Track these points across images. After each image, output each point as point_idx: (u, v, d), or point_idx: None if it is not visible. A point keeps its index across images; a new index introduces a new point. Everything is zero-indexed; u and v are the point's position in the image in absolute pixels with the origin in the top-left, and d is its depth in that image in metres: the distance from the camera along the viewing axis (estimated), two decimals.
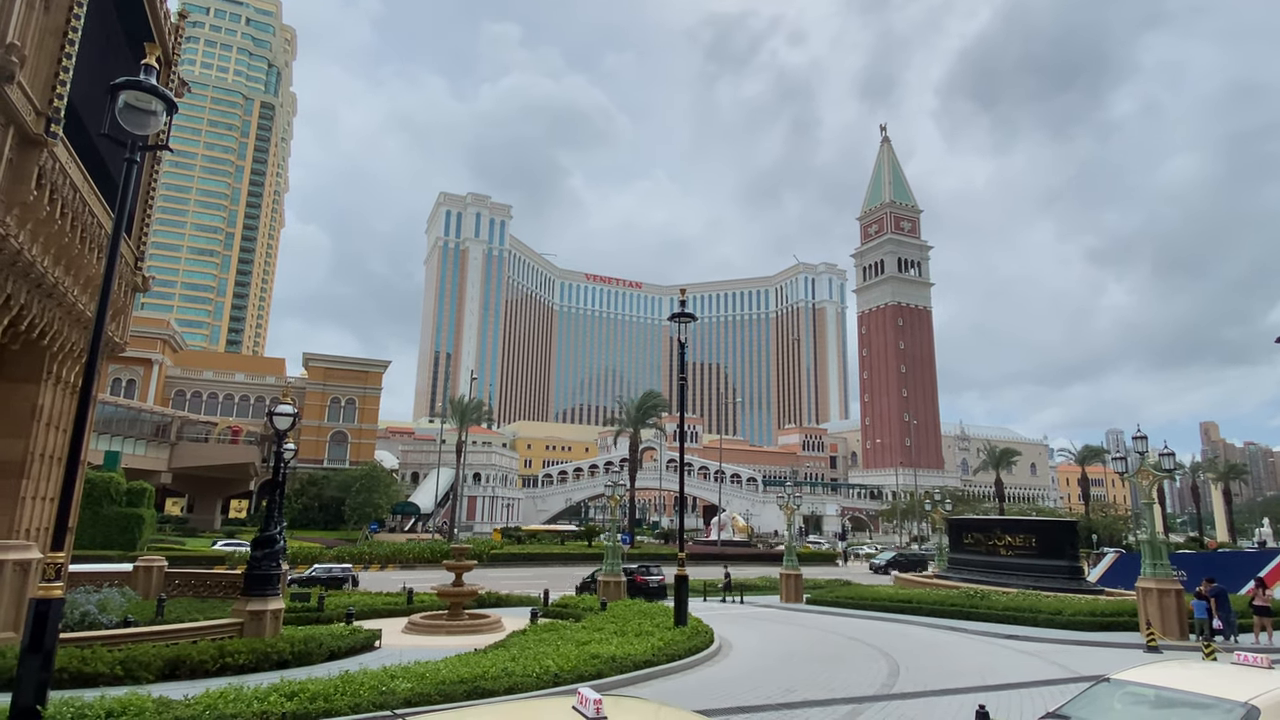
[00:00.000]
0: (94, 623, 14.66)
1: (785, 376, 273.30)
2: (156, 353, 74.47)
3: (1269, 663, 6.68)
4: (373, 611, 22.03)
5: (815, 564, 58.85)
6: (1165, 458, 27.66)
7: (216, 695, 9.30)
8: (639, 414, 69.05)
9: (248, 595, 15.23)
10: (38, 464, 12.75)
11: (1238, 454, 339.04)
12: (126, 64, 12.51)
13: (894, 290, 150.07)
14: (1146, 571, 21.25)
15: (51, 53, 10.20)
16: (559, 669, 12.39)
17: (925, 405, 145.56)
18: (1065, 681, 14.66)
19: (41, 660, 7.25)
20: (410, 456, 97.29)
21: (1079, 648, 19.60)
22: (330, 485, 69.43)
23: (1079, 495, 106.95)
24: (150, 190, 15.63)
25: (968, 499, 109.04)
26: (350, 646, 15.60)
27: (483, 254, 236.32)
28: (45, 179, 10.07)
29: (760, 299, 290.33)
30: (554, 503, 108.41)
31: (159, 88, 8.03)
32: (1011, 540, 33.40)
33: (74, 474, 8.00)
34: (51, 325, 12.28)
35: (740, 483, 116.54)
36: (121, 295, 14.85)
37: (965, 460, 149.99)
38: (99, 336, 7.93)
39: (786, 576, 32.01)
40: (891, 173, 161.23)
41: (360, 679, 10.57)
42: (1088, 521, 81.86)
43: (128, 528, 37.80)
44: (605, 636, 15.60)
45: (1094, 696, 6.53)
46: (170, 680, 12.12)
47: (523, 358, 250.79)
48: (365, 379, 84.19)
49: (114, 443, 58.25)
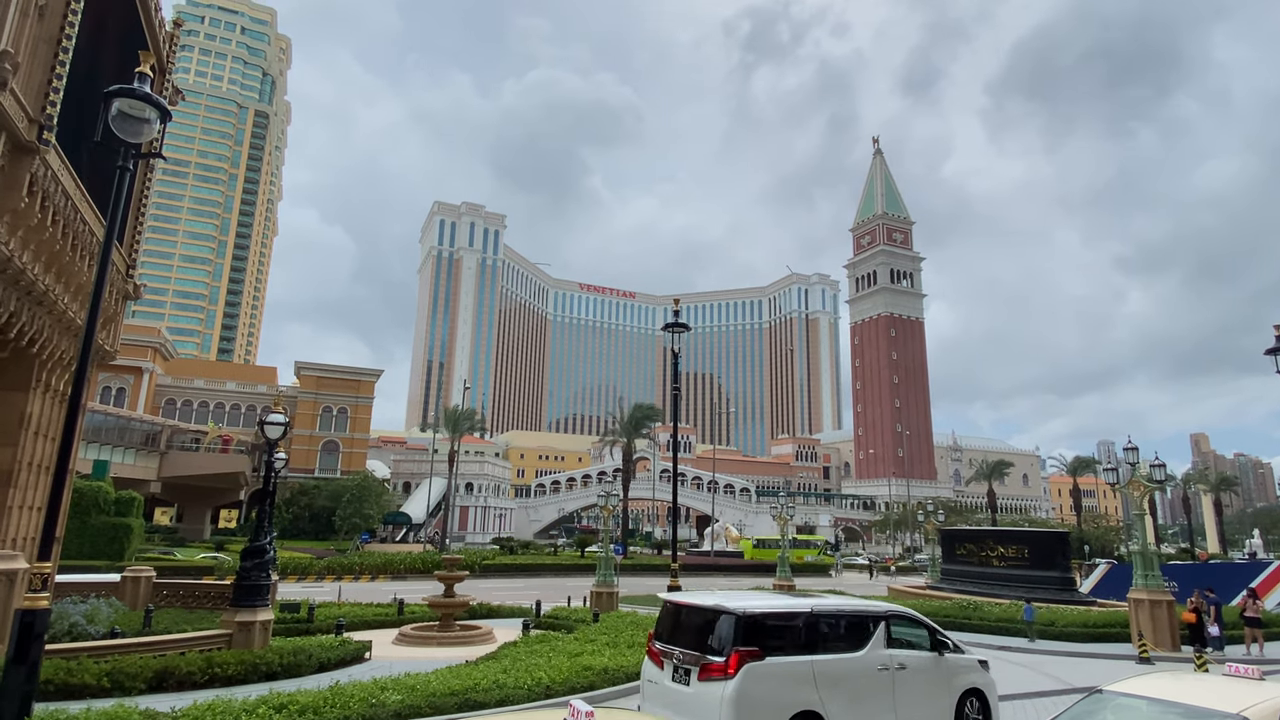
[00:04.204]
0: (81, 634, 14.50)
1: (779, 387, 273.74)
2: (147, 361, 73.99)
3: (1260, 674, 6.70)
4: (363, 623, 21.83)
5: (808, 574, 58.77)
6: (1156, 469, 27.78)
7: (204, 707, 9.22)
8: (631, 425, 68.96)
9: (236, 606, 15.09)
10: (25, 473, 12.63)
11: (1228, 465, 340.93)
12: (121, 72, 12.50)
13: (886, 301, 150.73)
14: (1138, 583, 21.33)
15: (45, 60, 10.19)
16: (551, 680, 12.32)
17: (918, 416, 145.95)
18: (1058, 693, 14.66)
19: (27, 672, 7.17)
20: (402, 466, 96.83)
21: (1071, 659, 19.63)
22: (321, 495, 68.96)
23: (1071, 506, 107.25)
24: (143, 198, 15.57)
25: (960, 510, 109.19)
26: (340, 658, 15.47)
27: (476, 263, 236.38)
28: (37, 186, 10.03)
29: (754, 309, 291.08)
30: (547, 512, 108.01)
31: (153, 95, 8.03)
32: (1004, 551, 33.47)
33: (62, 483, 7.93)
34: (41, 333, 12.20)
35: (734, 493, 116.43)
36: (112, 303, 14.77)
37: (958, 471, 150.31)
38: (89, 344, 7.89)
39: (779, 587, 31.94)
40: (884, 184, 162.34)
41: (350, 691, 10.49)
42: (1080, 532, 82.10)
43: (116, 537, 37.42)
44: (598, 648, 15.54)
45: (1086, 708, 6.53)
46: (158, 692, 11.99)
47: (516, 367, 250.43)
48: (357, 388, 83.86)
49: (103, 451, 57.76)
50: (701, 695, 9.11)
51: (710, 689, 9.02)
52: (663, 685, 9.75)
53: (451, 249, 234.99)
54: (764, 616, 9.60)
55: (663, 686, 9.75)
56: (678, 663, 9.58)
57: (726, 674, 8.97)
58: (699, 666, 9.29)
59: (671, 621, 10.31)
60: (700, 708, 9.05)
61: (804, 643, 9.79)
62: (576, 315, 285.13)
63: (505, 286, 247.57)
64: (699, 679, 9.22)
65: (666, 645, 9.95)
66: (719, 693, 8.89)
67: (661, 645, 10.04)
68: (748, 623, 9.35)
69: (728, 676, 8.95)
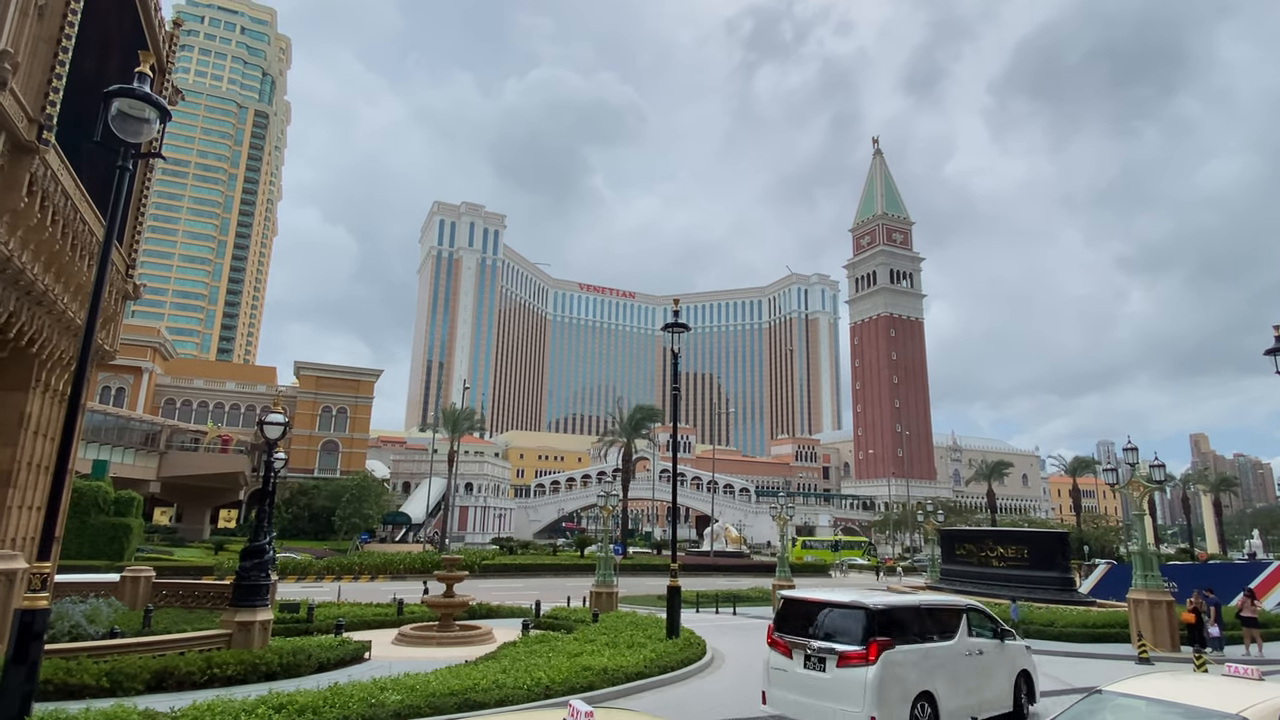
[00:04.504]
0: (80, 634, 14.49)
1: (778, 387, 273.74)
2: (147, 361, 73.96)
3: (1260, 674, 6.70)
4: (362, 623, 21.81)
5: (808, 574, 58.73)
6: (1155, 469, 27.77)
7: (204, 707, 9.21)
8: (631, 425, 68.97)
9: (236, 606, 15.07)
10: (25, 473, 12.62)
11: (1228, 465, 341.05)
12: (120, 71, 12.50)
13: (886, 301, 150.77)
14: (1138, 583, 21.32)
15: (45, 60, 10.19)
16: (550, 681, 12.32)
17: (918, 416, 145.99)
18: (1057, 693, 14.65)
19: (26, 672, 7.16)
20: (402, 466, 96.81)
21: (1071, 659, 19.62)
22: (320, 495, 68.91)
23: (1070, 506, 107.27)
24: (143, 198, 15.57)
25: (960, 510, 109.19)
26: (339, 658, 15.46)
27: (476, 263, 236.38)
28: (36, 186, 10.03)
29: (754, 309, 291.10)
30: (546, 513, 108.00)
31: (152, 95, 8.03)
32: (1003, 551, 33.49)
33: (61, 483, 7.93)
34: (41, 333, 12.19)
35: (733, 493, 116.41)
36: (112, 303, 14.76)
37: (958, 471, 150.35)
38: (89, 344, 7.89)
39: (779, 587, 31.92)
40: (884, 184, 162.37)
41: (349, 691, 10.48)
42: (1079, 533, 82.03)
43: (115, 537, 37.36)
44: (597, 648, 15.53)
45: (1086, 708, 6.53)
46: (157, 692, 11.98)
47: (516, 367, 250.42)
48: (357, 388, 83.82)
49: (102, 451, 57.73)
50: (841, 680, 10.17)
51: (851, 674, 10.09)
52: (794, 672, 10.83)
53: (451, 249, 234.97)
54: (894, 610, 10.82)
55: (794, 674, 10.82)
56: (811, 652, 10.63)
57: (867, 661, 10.02)
58: (838, 655, 10.28)
59: (798, 615, 11.36)
60: (840, 691, 10.15)
61: (918, 633, 11.01)
62: (576, 315, 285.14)
63: (505, 286, 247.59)
64: (838, 666, 10.27)
65: (795, 636, 11.01)
66: (861, 678, 9.99)
67: (789, 637, 11.09)
68: (882, 616, 10.51)
69: (868, 663, 10.00)
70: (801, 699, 10.56)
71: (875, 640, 10.17)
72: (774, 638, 11.31)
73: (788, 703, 10.82)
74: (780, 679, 11.01)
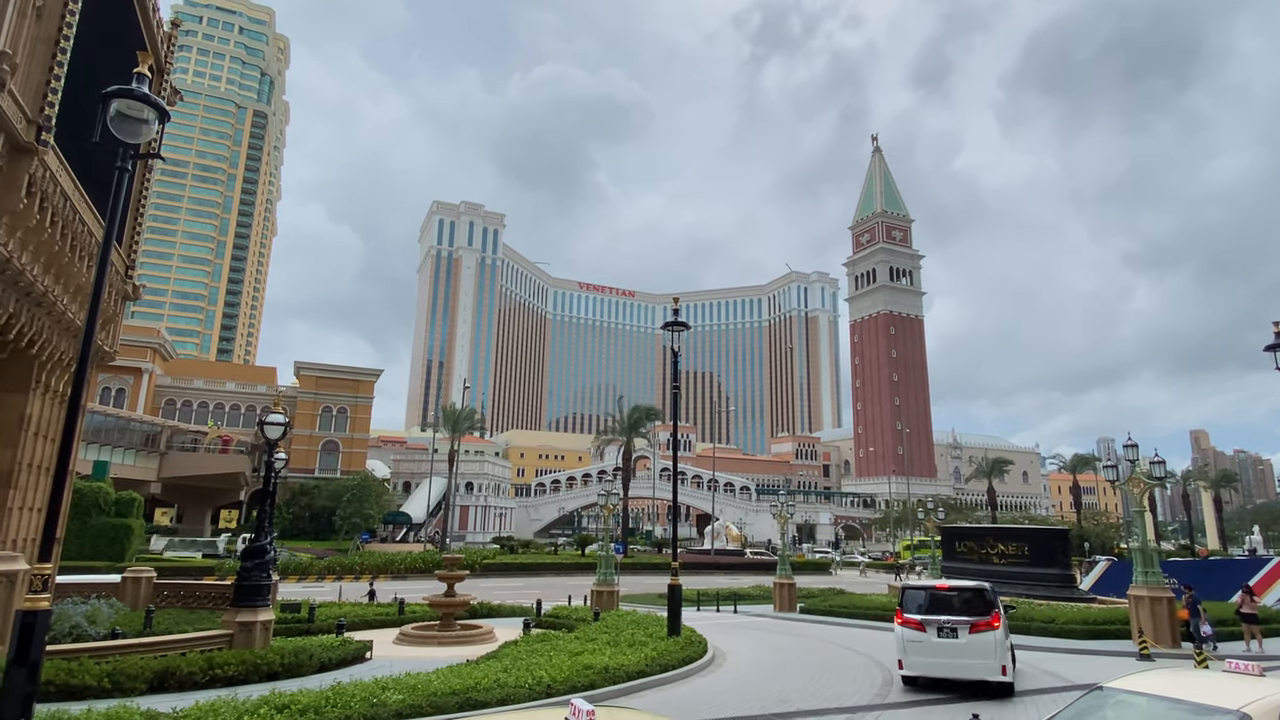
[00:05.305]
0: (82, 635, 14.50)
1: (778, 385, 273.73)
2: (146, 361, 73.91)
3: (1260, 670, 6.70)
4: (364, 622, 21.83)
5: (809, 573, 58.76)
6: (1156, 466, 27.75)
7: (206, 707, 9.22)
8: (631, 424, 68.98)
9: (237, 606, 15.08)
10: (25, 474, 12.63)
11: (1228, 462, 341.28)
12: (119, 72, 12.49)
13: (886, 299, 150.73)
14: (1138, 579, 21.31)
15: (43, 61, 10.18)
16: (551, 680, 12.32)
17: (918, 413, 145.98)
18: (1058, 690, 14.66)
19: (28, 673, 7.16)
20: (402, 466, 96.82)
21: (1071, 656, 19.62)
22: (321, 495, 68.91)
23: (1071, 503, 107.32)
24: (142, 198, 15.56)
25: (960, 507, 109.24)
26: (341, 658, 15.47)
27: (476, 263, 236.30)
28: (35, 187, 10.03)
29: (754, 308, 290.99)
30: (547, 512, 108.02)
31: (151, 96, 8.02)
32: (1004, 548, 33.47)
33: (62, 484, 7.92)
34: (40, 334, 12.19)
35: (734, 491, 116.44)
36: (112, 304, 14.76)
37: (958, 468, 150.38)
38: (89, 345, 7.88)
39: (780, 585, 31.94)
40: (884, 182, 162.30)
41: (351, 690, 10.49)
42: (1079, 529, 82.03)
43: (116, 538, 37.41)
44: (598, 647, 15.54)
45: (1087, 705, 6.53)
46: (159, 693, 11.99)
47: (516, 366, 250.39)
48: (357, 388, 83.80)
49: (103, 452, 57.72)
50: (975, 643, 13.70)
51: (983, 637, 13.69)
52: (929, 642, 14.02)
53: (450, 248, 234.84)
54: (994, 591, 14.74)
55: (930, 643, 14.02)
56: (943, 624, 13.96)
57: (992, 626, 13.74)
58: (970, 624, 13.79)
59: (925, 599, 14.59)
60: (975, 650, 13.72)
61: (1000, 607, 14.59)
62: (576, 314, 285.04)
63: (505, 286, 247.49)
64: (970, 633, 13.76)
65: (926, 615, 14.19)
66: (991, 639, 13.69)
67: (920, 616, 14.23)
68: (991, 595, 14.42)
69: (993, 629, 13.73)
70: (939, 660, 13.86)
71: (996, 611, 13.91)
72: (904, 617, 14.33)
73: (925, 665, 14.02)
74: (916, 648, 14.07)
